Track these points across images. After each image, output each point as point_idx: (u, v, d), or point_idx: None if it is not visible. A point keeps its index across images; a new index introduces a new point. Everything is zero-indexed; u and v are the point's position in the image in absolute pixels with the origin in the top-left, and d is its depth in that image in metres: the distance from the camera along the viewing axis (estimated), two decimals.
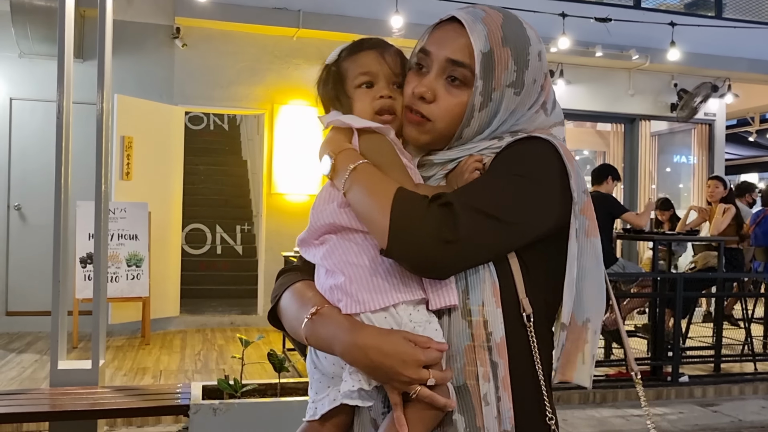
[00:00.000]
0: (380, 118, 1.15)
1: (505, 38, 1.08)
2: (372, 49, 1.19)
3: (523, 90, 1.10)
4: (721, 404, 5.17)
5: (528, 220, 1.04)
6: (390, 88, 1.16)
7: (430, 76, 1.11)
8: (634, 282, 5.90)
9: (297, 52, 7.56)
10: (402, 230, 0.97)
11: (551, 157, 1.06)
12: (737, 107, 10.39)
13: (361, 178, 1.05)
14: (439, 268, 1.00)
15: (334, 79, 1.20)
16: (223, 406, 3.01)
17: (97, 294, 3.46)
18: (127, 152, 6.76)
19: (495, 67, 1.07)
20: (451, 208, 0.97)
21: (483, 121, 1.10)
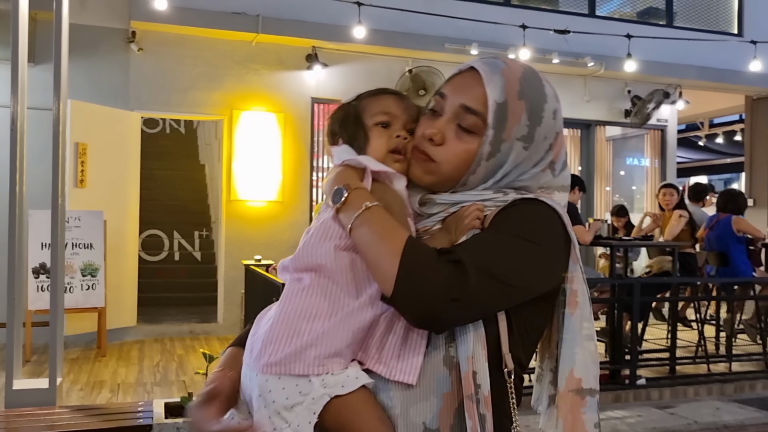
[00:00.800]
0: (393, 156, 1.17)
1: (522, 92, 1.10)
2: (393, 94, 1.25)
3: (532, 145, 1.11)
4: (678, 406, 5.29)
5: (530, 284, 1.06)
6: (405, 130, 1.20)
7: (442, 120, 1.13)
8: (593, 287, 6.00)
9: (256, 57, 7.48)
10: (410, 281, 0.98)
11: (556, 224, 1.09)
12: (687, 113, 10.70)
13: (374, 218, 1.05)
14: (440, 323, 1.01)
15: (354, 116, 1.23)
16: (186, 424, 2.96)
17: (54, 310, 3.37)
18: (81, 159, 6.59)
19: (508, 118, 1.09)
20: (461, 267, 0.98)
21: (489, 171, 1.11)
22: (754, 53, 8.44)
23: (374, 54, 7.64)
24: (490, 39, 7.84)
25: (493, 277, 1.00)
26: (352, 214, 1.06)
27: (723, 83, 9.25)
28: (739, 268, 6.50)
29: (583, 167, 9.32)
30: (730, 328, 6.28)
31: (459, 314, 1.00)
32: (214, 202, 10.00)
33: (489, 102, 1.08)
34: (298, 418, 1.01)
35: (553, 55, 8.01)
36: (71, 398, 4.78)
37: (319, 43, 7.49)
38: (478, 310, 1.02)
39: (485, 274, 0.99)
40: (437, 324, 1.01)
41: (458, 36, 7.78)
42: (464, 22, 7.65)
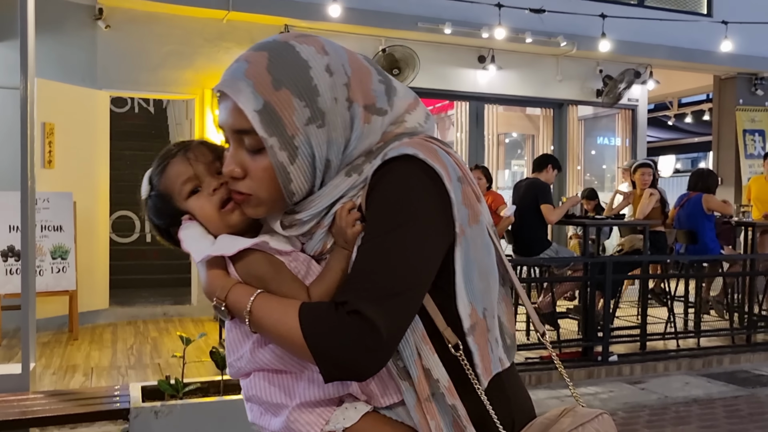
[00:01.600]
0: (226, 211, 1.09)
1: (276, 81, 0.98)
2: (173, 158, 1.14)
3: (326, 116, 0.99)
4: (648, 381, 5.40)
5: (429, 266, 0.98)
6: (216, 177, 1.11)
7: (232, 153, 1.04)
8: (566, 266, 6.07)
9: (227, 35, 7.35)
10: (327, 356, 0.94)
11: (421, 182, 0.98)
12: (657, 92, 10.82)
13: (261, 316, 0.99)
14: (379, 368, 0.97)
15: (163, 204, 1.15)
16: (165, 408, 2.93)
17: (26, 293, 3.30)
18: (48, 139, 6.45)
19: (280, 116, 0.98)
20: (360, 316, 0.92)
21: (304, 171, 1.01)
22: (725, 33, 8.54)
23: (347, 33, 7.55)
24: (462, 18, 7.80)
25: (392, 297, 0.94)
26: (245, 324, 1.02)
27: (693, 63, 9.35)
28: (708, 245, 6.62)
29: (555, 147, 9.38)
30: (699, 305, 6.41)
31: (389, 351, 0.96)
32: None
33: (249, 114, 0.98)
34: None
35: (526, 34, 8.01)
36: (44, 383, 4.71)
37: (291, 21, 7.38)
38: (401, 331, 0.98)
39: (383, 300, 0.93)
40: (378, 369, 0.97)
41: (431, 15, 7.73)
42: (437, 0, 7.60)
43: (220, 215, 1.09)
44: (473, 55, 8.45)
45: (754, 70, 9.93)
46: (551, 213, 5.87)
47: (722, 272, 6.72)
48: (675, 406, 4.80)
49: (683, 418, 4.55)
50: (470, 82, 8.56)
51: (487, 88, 8.62)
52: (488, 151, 9.23)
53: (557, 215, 5.92)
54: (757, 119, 10.13)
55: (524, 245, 6.06)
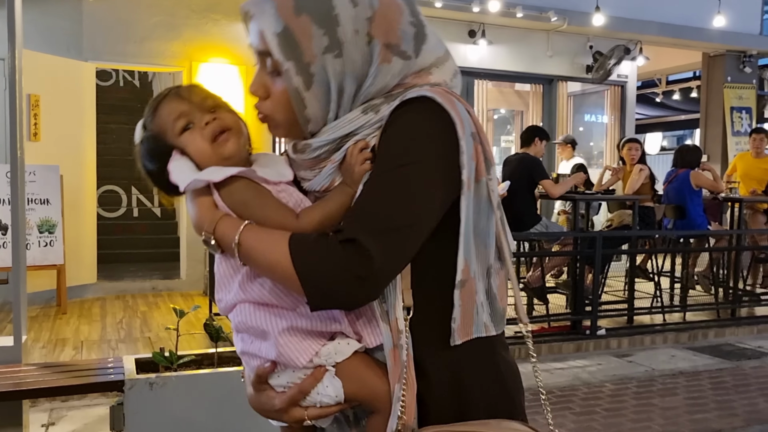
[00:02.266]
0: (218, 144, 1.09)
1: (298, 6, 0.99)
2: (166, 98, 1.14)
3: (344, 47, 0.99)
4: (635, 354, 5.47)
5: (431, 208, 0.97)
6: (208, 113, 1.11)
7: (258, 72, 1.06)
8: (556, 241, 6.10)
9: (216, 6, 7.24)
10: (312, 282, 0.94)
11: (435, 126, 0.97)
12: (645, 69, 10.82)
13: (250, 248, 0.99)
14: (369, 299, 0.98)
15: (156, 144, 1.13)
16: (159, 380, 2.92)
17: (16, 266, 3.26)
18: (34, 111, 6.35)
19: (299, 41, 0.99)
20: (355, 244, 0.92)
21: (320, 98, 1.01)
22: (718, 8, 8.53)
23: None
24: None
25: (393, 231, 0.94)
26: (233, 256, 1.01)
27: (683, 39, 9.36)
28: (695, 221, 6.68)
29: (545, 122, 9.37)
30: (685, 279, 6.49)
31: (379, 284, 0.96)
32: None
33: (268, 37, 1.00)
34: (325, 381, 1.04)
35: (517, 9, 7.96)
36: (33, 356, 4.69)
37: None
38: (394, 268, 0.97)
39: (379, 234, 0.93)
40: (367, 301, 0.98)
41: None
42: None
43: (212, 147, 1.09)
44: (464, 29, 8.40)
45: (742, 48, 9.96)
46: (554, 187, 5.86)
47: (708, 247, 6.79)
48: (662, 378, 4.87)
49: (670, 389, 4.63)
50: (460, 57, 8.50)
51: (477, 63, 8.57)
52: None
53: (561, 189, 5.91)
54: (744, 96, 10.18)
55: (515, 220, 6.06)
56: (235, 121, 1.13)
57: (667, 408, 4.25)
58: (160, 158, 1.12)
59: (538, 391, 1.11)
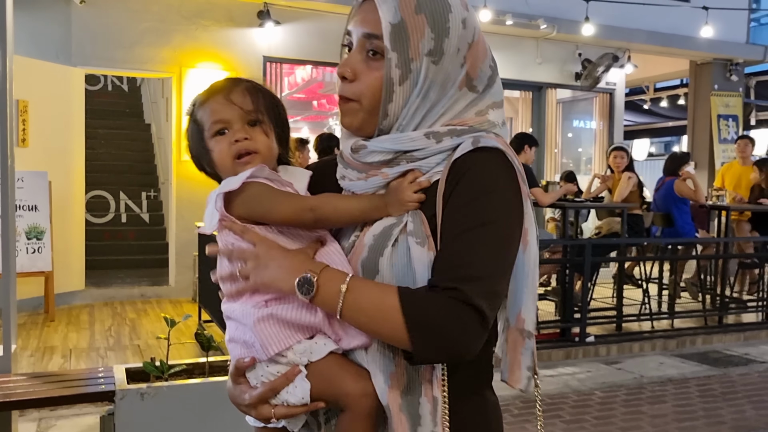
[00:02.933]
0: (240, 161, 1.13)
1: (419, 5, 1.04)
2: (218, 93, 1.16)
3: (443, 58, 1.04)
4: (624, 361, 5.51)
5: (512, 259, 1.03)
6: (244, 129, 1.14)
7: (352, 55, 1.09)
8: (546, 248, 6.13)
9: (205, 12, 7.24)
10: (426, 332, 0.95)
11: (510, 181, 1.03)
12: (634, 76, 10.91)
13: (356, 300, 0.99)
14: (473, 354, 0.98)
15: (195, 132, 1.18)
16: (151, 390, 2.91)
17: (6, 273, 3.24)
18: (22, 117, 6.31)
19: (409, 36, 1.03)
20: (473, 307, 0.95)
21: (407, 95, 1.05)
22: (705, 19, 8.61)
23: (327, 12, 7.48)
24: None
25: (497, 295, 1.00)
26: (333, 303, 0.99)
27: (671, 48, 9.45)
28: (683, 228, 6.74)
29: (534, 129, 9.43)
30: (673, 287, 6.53)
31: (482, 340, 0.98)
32: (162, 163, 9.75)
33: (383, 24, 1.03)
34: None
35: (507, 16, 8.01)
36: (21, 365, 4.65)
37: None
38: (497, 308, 1.01)
39: (491, 298, 0.97)
40: (465, 355, 0.98)
41: None
42: None
43: (233, 164, 1.13)
44: None
45: (729, 56, 10.06)
46: (544, 196, 5.90)
47: (696, 255, 6.85)
48: (650, 385, 4.91)
49: (659, 397, 4.66)
50: None
51: None
52: None
53: (551, 198, 5.95)
54: (731, 104, 10.28)
55: None
56: (266, 145, 1.15)
57: (656, 416, 4.28)
58: (196, 144, 1.18)
59: (533, 403, 1.15)
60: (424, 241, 1.01)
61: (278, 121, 1.19)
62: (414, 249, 1.01)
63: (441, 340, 0.95)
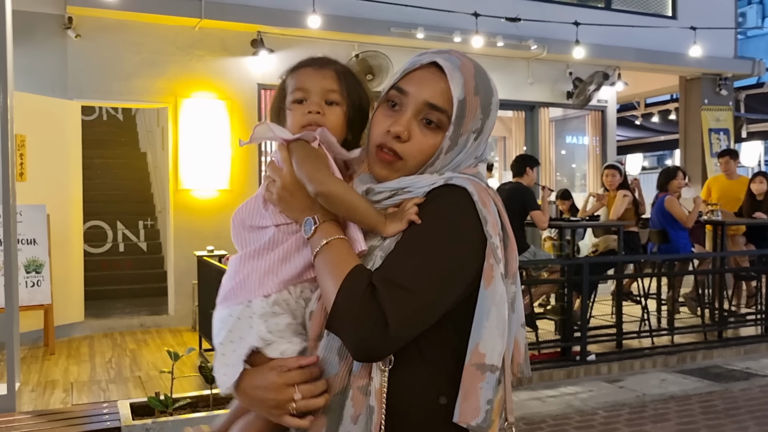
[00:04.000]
0: (307, 128, 1.21)
1: (477, 87, 1.15)
2: (310, 66, 1.26)
3: (481, 135, 1.18)
4: (626, 379, 5.51)
5: (446, 282, 1.08)
6: (320, 104, 1.22)
7: (406, 116, 1.16)
8: (544, 268, 6.16)
9: (200, 43, 7.31)
10: (342, 317, 1.04)
11: (466, 209, 1.10)
12: (624, 93, 11.01)
13: (327, 253, 1.11)
14: (379, 354, 1.06)
15: (280, 93, 1.29)
16: (156, 425, 2.92)
17: (9, 310, 3.26)
18: (20, 151, 6.33)
19: (467, 114, 1.14)
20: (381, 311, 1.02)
21: (446, 162, 1.17)
22: (693, 38, 8.73)
23: (320, 38, 7.56)
24: (435, 23, 7.87)
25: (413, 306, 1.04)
26: (314, 247, 1.13)
27: (659, 64, 9.56)
28: (678, 244, 6.77)
29: (528, 148, 9.50)
30: (672, 303, 6.56)
31: (394, 342, 1.04)
32: (159, 191, 9.77)
33: (453, 100, 1.13)
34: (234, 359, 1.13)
35: (498, 38, 8.11)
36: (23, 400, 4.62)
37: (264, 28, 7.37)
38: (410, 333, 1.06)
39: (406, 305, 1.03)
40: (375, 356, 1.06)
41: (404, 20, 7.79)
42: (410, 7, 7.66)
43: (300, 131, 1.22)
44: None
45: (717, 71, 10.18)
46: (542, 219, 5.97)
47: (693, 270, 6.88)
48: (653, 403, 4.91)
49: (662, 415, 4.66)
50: None
51: None
52: None
53: (547, 218, 6.03)
54: (721, 119, 10.38)
55: None
56: (334, 125, 1.23)
57: None
58: (279, 102, 1.29)
59: (537, 424, 1.21)
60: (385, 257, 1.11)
61: (357, 108, 1.26)
62: (377, 263, 1.11)
63: (346, 329, 1.04)
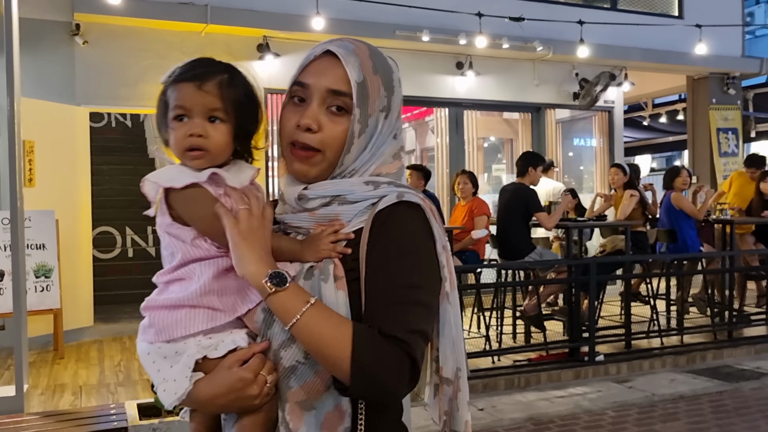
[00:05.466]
0: (190, 154, 1.14)
1: (375, 67, 1.16)
2: (190, 80, 1.16)
3: (390, 113, 1.18)
4: (635, 379, 5.48)
5: (435, 309, 1.13)
6: (203, 124, 1.14)
7: (312, 107, 1.14)
8: (551, 269, 6.14)
9: (206, 48, 7.34)
10: (366, 374, 1.01)
11: (421, 226, 1.11)
12: (632, 94, 10.99)
13: (310, 323, 1.04)
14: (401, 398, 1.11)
15: (162, 106, 1.19)
16: (162, 425, 2.93)
17: (17, 314, 3.29)
18: (28, 157, 6.38)
19: (369, 94, 1.14)
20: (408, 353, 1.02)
21: (361, 147, 1.16)
22: (699, 36, 8.70)
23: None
24: (440, 25, 7.89)
25: (425, 334, 1.07)
26: (293, 309, 1.04)
27: (666, 64, 9.53)
28: (686, 243, 6.73)
29: (534, 149, 9.46)
30: (681, 303, 6.52)
31: (417, 379, 1.06)
32: None
33: (351, 82, 1.13)
34: (175, 372, 1.10)
35: (503, 40, 8.11)
36: (33, 403, 4.65)
37: (270, 32, 7.41)
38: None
39: (421, 339, 1.06)
40: (398, 398, 1.11)
41: (409, 23, 7.81)
42: (415, 9, 7.68)
43: (183, 154, 1.15)
44: (451, 61, 8.53)
45: (725, 70, 10.14)
46: (547, 220, 5.94)
47: (702, 269, 6.84)
48: (662, 403, 4.88)
49: (671, 414, 4.64)
50: (449, 88, 8.63)
51: (465, 94, 8.70)
52: (468, 156, 9.32)
53: (553, 221, 5.98)
54: (729, 118, 10.33)
55: (510, 249, 6.12)
56: (219, 145, 1.15)
57: None
58: (159, 117, 1.20)
59: (545, 424, 1.24)
60: (327, 277, 1.08)
61: (245, 118, 1.18)
62: (322, 287, 1.08)
63: (379, 385, 1.02)
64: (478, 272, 6.50)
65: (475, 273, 6.49)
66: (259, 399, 1.08)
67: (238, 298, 1.12)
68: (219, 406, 1.11)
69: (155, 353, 1.13)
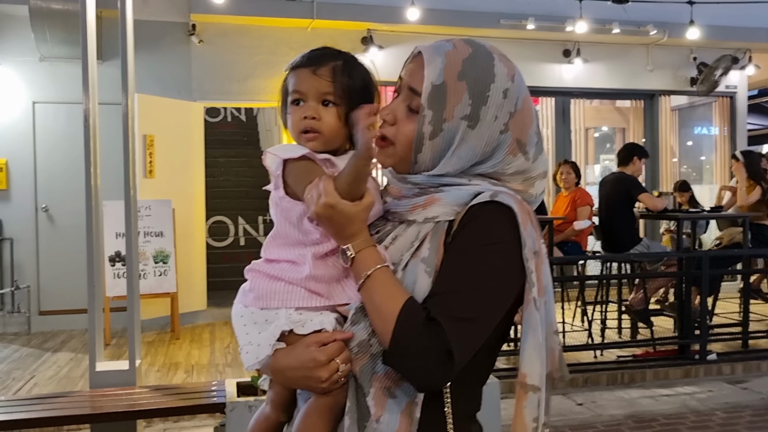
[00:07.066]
0: (305, 136, 1.19)
1: (464, 72, 1.12)
2: (306, 66, 1.22)
3: (479, 124, 1.12)
4: (751, 381, 5.16)
5: (499, 305, 1.10)
6: (317, 107, 1.19)
7: (397, 101, 1.19)
8: (659, 261, 5.88)
9: (312, 42, 7.37)
10: (403, 352, 1.03)
11: (508, 229, 1.09)
12: (758, 77, 10.22)
13: (374, 287, 1.08)
14: (438, 386, 1.09)
15: (283, 92, 1.26)
16: (258, 402, 3.07)
17: (131, 295, 3.54)
18: (149, 150, 6.84)
19: (447, 99, 1.12)
20: (445, 341, 1.01)
21: (437, 150, 1.14)
22: None
23: (429, 33, 7.58)
24: (546, 12, 7.70)
25: (473, 336, 1.06)
26: (356, 276, 1.11)
27: None
28: None
29: (647, 139, 9.07)
30: None
31: (455, 372, 1.05)
32: None
33: (425, 84, 1.12)
34: (261, 338, 1.15)
35: (613, 25, 7.81)
36: (149, 379, 5.02)
37: (373, 25, 7.52)
38: (467, 358, 1.06)
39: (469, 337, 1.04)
40: (438, 387, 1.09)
41: (513, 11, 7.67)
42: None
43: (298, 135, 1.21)
44: (558, 49, 8.31)
45: None
46: (655, 201, 5.70)
47: None
48: None
49: None
50: (555, 76, 8.41)
51: (573, 83, 8.45)
52: (575, 146, 9.05)
53: (662, 202, 5.73)
54: None
55: (614, 241, 5.91)
56: (332, 128, 1.20)
57: None
58: (283, 103, 1.26)
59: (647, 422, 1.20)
60: (432, 272, 1.09)
61: (357, 103, 1.19)
62: (421, 279, 1.08)
63: (409, 364, 1.04)
64: (581, 264, 6.31)
65: (578, 265, 6.31)
66: (327, 384, 1.10)
67: (337, 288, 1.16)
68: (288, 379, 1.16)
69: (248, 317, 1.20)
